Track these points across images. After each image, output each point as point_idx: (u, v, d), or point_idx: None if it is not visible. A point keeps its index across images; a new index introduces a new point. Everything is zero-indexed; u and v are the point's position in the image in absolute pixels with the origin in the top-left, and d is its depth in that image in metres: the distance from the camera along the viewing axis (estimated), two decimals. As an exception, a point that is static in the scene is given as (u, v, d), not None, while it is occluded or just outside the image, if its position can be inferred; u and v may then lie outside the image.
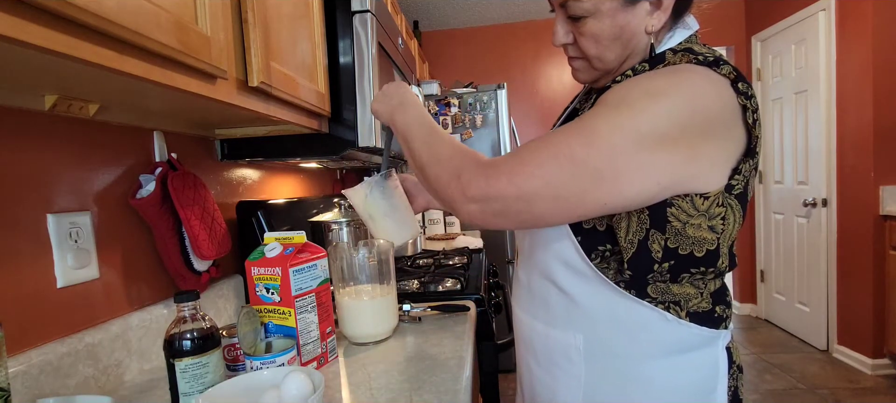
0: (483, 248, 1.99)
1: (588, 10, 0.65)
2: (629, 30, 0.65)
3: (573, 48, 0.71)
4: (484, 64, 4.02)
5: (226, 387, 0.68)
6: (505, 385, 2.89)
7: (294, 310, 0.81)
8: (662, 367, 0.67)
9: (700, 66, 0.61)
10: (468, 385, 0.80)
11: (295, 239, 0.85)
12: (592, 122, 0.59)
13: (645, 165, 0.57)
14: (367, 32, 1.21)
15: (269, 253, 0.82)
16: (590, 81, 0.75)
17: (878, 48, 2.69)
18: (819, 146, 3.10)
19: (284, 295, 0.81)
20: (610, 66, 0.69)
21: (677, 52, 0.65)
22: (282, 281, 0.80)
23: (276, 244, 0.83)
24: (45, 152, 0.78)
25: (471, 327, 1.08)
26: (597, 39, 0.66)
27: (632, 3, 0.64)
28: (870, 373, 2.78)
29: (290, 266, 0.80)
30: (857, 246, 2.84)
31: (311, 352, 0.85)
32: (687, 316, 0.66)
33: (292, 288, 0.81)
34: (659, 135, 0.57)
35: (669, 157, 0.58)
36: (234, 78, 0.79)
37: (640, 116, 0.57)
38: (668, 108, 0.57)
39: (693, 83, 0.59)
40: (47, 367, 0.73)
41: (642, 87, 0.60)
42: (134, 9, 0.53)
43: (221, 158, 1.27)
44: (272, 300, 0.82)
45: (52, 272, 0.78)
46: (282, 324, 0.82)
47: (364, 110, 1.22)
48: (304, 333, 0.83)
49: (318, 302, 0.87)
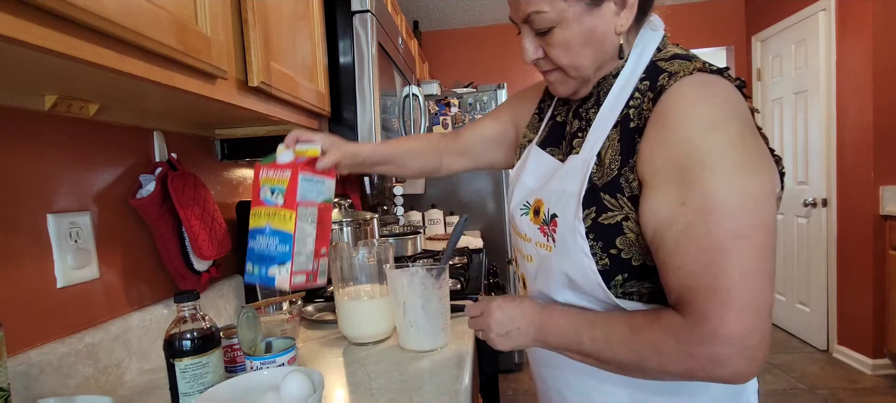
0: (483, 248, 2.00)
1: (554, 20, 0.64)
2: (599, 33, 0.65)
3: (545, 62, 0.70)
4: (484, 64, 4.02)
5: (226, 387, 0.68)
6: (505, 385, 2.89)
7: (296, 215, 0.76)
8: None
9: (714, 76, 0.60)
10: (468, 385, 0.80)
11: (308, 152, 0.80)
12: (702, 194, 0.55)
13: (766, 187, 0.56)
14: (367, 32, 1.21)
15: (281, 159, 0.78)
16: (569, 94, 0.73)
17: (878, 48, 2.69)
18: (819, 146, 3.10)
19: (288, 199, 0.76)
20: (586, 74, 0.68)
21: (667, 59, 0.64)
22: (289, 184, 0.76)
23: (290, 152, 0.79)
24: (45, 152, 0.78)
25: (471, 327, 1.08)
26: (567, 48, 0.65)
27: (596, 5, 0.63)
28: (870, 373, 2.78)
29: (300, 171, 0.77)
30: (857, 247, 2.84)
31: (302, 265, 0.78)
32: None
33: (298, 194, 0.76)
34: (751, 152, 0.57)
35: (766, 169, 0.58)
36: (234, 78, 0.79)
37: (722, 153, 0.55)
38: (733, 130, 0.57)
39: (727, 96, 0.59)
40: (47, 367, 0.73)
41: (695, 125, 0.57)
42: (134, 9, 0.53)
43: (221, 158, 1.27)
44: (275, 202, 0.77)
45: (52, 272, 0.78)
46: (279, 228, 0.76)
47: (364, 110, 1.22)
48: (300, 242, 0.77)
49: (319, 220, 0.82)
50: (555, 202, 0.69)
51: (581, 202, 0.64)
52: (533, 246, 0.73)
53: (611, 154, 0.64)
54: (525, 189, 0.76)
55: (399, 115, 1.55)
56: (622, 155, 0.63)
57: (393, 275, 0.94)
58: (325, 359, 0.94)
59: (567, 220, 0.66)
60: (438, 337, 0.94)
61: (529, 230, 0.73)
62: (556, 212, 0.68)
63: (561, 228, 0.67)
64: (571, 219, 0.65)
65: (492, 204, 3.06)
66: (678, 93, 0.59)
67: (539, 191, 0.73)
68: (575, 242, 0.65)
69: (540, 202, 0.71)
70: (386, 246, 1.04)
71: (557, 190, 0.69)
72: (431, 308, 0.92)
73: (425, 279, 0.91)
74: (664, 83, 0.61)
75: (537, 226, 0.71)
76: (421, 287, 0.91)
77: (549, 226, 0.69)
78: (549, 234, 0.69)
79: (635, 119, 0.63)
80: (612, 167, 0.63)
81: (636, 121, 0.63)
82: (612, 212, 0.63)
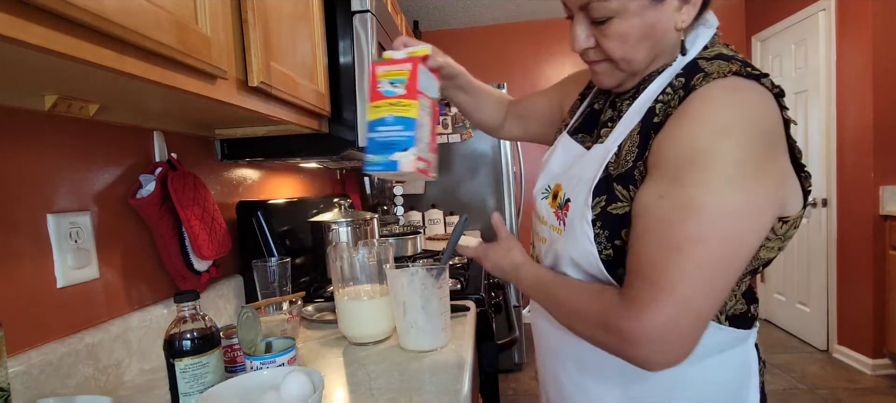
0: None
1: (614, 10, 0.61)
2: (659, 28, 0.63)
3: (595, 51, 0.67)
4: (484, 64, 4.02)
5: (226, 387, 0.68)
6: (505, 385, 2.89)
7: (417, 103, 0.78)
8: (701, 368, 0.66)
9: (748, 81, 0.58)
10: (468, 385, 0.80)
11: (419, 52, 0.82)
12: (685, 194, 0.56)
13: (751, 208, 0.56)
14: (367, 32, 1.20)
15: (397, 56, 0.81)
16: (613, 86, 0.71)
17: (878, 48, 2.69)
18: (819, 146, 3.11)
19: (410, 89, 0.78)
20: (637, 68, 0.66)
21: (710, 59, 0.63)
22: (410, 75, 0.78)
23: (403, 51, 0.82)
24: (45, 152, 0.78)
25: (471, 327, 1.08)
26: (624, 40, 0.63)
27: (661, 1, 0.61)
28: (870, 373, 2.78)
29: (419, 63, 0.79)
30: (857, 247, 2.84)
31: (423, 151, 0.80)
32: (726, 320, 0.66)
33: (418, 83, 0.78)
34: (750, 170, 0.56)
35: (766, 192, 0.57)
36: (234, 78, 0.79)
37: (722, 162, 0.55)
38: (743, 141, 0.56)
39: (753, 104, 0.57)
40: (47, 367, 0.73)
41: (707, 127, 0.57)
42: (134, 9, 0.53)
43: (221, 158, 1.27)
44: (395, 93, 0.78)
45: (52, 272, 0.78)
46: (402, 115, 0.78)
47: (364, 110, 1.22)
48: (421, 128, 0.78)
49: (432, 113, 0.84)
50: (571, 187, 0.70)
51: (592, 189, 0.65)
52: (548, 229, 0.75)
53: (629, 145, 0.64)
54: (549, 174, 0.78)
55: (399, 115, 1.55)
56: (639, 147, 0.63)
57: (393, 275, 0.94)
58: (325, 359, 0.94)
59: (577, 206, 0.67)
60: (438, 338, 0.94)
61: (547, 213, 0.75)
62: (570, 197, 0.69)
63: (571, 213, 0.68)
64: (581, 205, 0.66)
65: (492, 205, 3.05)
66: (704, 95, 0.59)
67: (560, 177, 0.74)
68: (581, 228, 0.66)
69: (559, 186, 0.73)
70: (386, 246, 1.04)
71: (576, 176, 0.70)
72: (431, 308, 0.92)
73: (425, 279, 0.91)
74: (697, 83, 0.60)
75: (553, 210, 0.73)
76: (421, 287, 0.91)
77: (563, 210, 0.70)
78: (561, 218, 0.71)
79: (660, 114, 0.63)
80: (628, 159, 0.64)
81: (660, 116, 0.63)
82: (621, 203, 0.63)
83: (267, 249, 1.27)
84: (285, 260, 1.10)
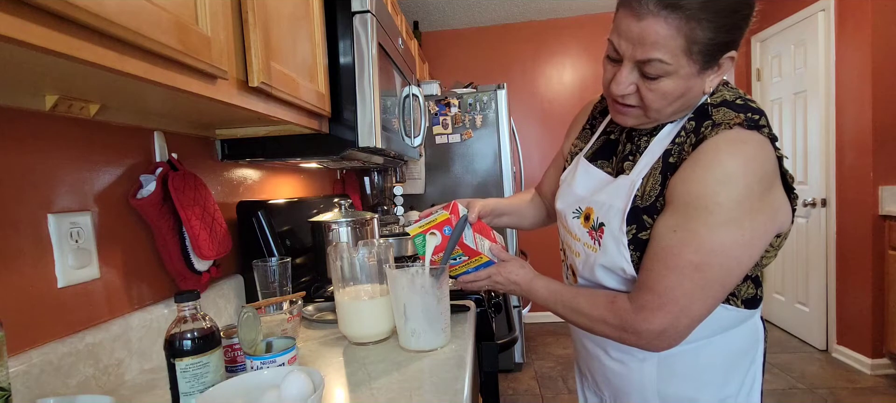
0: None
1: (667, 71, 0.68)
2: (694, 90, 0.72)
3: (634, 97, 0.74)
4: (484, 64, 4.02)
5: (226, 387, 0.68)
6: (505, 385, 2.89)
7: (482, 254, 0.91)
8: (724, 337, 0.82)
9: (748, 132, 0.69)
10: (468, 384, 0.80)
11: (438, 220, 0.92)
12: (692, 229, 0.69)
13: (748, 239, 0.69)
14: (367, 32, 1.21)
15: (429, 250, 0.92)
16: (633, 126, 0.80)
17: (878, 48, 2.69)
18: (818, 146, 3.11)
19: (469, 252, 0.91)
20: (664, 118, 0.76)
21: (716, 105, 0.74)
22: (467, 250, 0.91)
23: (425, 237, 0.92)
24: (46, 152, 0.78)
25: (471, 327, 1.08)
26: (664, 96, 0.71)
27: (707, 70, 0.70)
28: (869, 373, 2.78)
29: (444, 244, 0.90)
30: (857, 246, 2.85)
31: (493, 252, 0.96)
32: (741, 302, 0.80)
33: (471, 242, 0.91)
34: (746, 210, 0.68)
35: (762, 224, 0.70)
36: (235, 78, 0.79)
37: (725, 205, 0.68)
38: (743, 187, 0.68)
39: (754, 155, 0.68)
40: (48, 367, 0.73)
41: (714, 174, 0.68)
42: (134, 9, 0.53)
43: (222, 158, 1.27)
44: (461, 260, 0.93)
45: (52, 272, 0.78)
46: (479, 264, 0.93)
47: (364, 110, 1.22)
48: (492, 252, 0.95)
49: (478, 230, 0.97)
50: (604, 213, 0.81)
51: (625, 218, 0.77)
52: (581, 246, 0.86)
53: (652, 182, 0.76)
54: (575, 196, 0.89)
55: (399, 115, 1.56)
56: (661, 186, 0.75)
57: (393, 276, 0.94)
58: (325, 359, 0.94)
59: (613, 231, 0.79)
60: (438, 338, 0.94)
61: (580, 232, 0.86)
62: (604, 222, 0.81)
63: (606, 237, 0.80)
64: (617, 232, 0.78)
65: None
66: (713, 145, 0.70)
67: (589, 200, 0.85)
68: (618, 251, 0.78)
69: (590, 209, 0.84)
70: (386, 246, 1.04)
71: (606, 203, 0.81)
72: (431, 308, 0.92)
73: (425, 279, 0.91)
74: (707, 132, 0.71)
75: (586, 230, 0.84)
76: (421, 287, 0.91)
77: (597, 232, 0.82)
78: (596, 239, 0.83)
79: (675, 155, 0.74)
80: (651, 194, 0.76)
81: (675, 158, 0.74)
82: (648, 231, 0.76)
83: (267, 249, 1.27)
84: (285, 260, 1.10)
